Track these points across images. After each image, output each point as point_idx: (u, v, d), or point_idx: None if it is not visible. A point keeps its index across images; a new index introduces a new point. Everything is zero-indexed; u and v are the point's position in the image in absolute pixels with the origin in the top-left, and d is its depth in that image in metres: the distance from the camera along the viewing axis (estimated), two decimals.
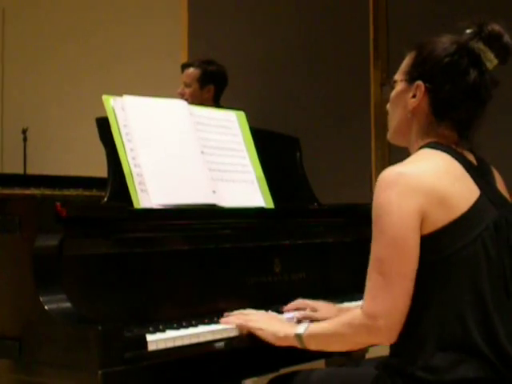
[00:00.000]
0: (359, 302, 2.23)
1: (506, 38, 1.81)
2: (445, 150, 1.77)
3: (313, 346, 1.81)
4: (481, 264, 1.69)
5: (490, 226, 1.71)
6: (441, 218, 1.68)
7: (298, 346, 1.83)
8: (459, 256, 1.67)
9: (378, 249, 1.68)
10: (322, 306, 2.10)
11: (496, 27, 1.81)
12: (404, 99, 1.84)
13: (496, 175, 1.87)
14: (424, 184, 1.69)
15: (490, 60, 1.80)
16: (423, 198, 1.67)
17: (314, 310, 2.08)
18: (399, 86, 1.87)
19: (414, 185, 1.68)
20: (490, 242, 1.70)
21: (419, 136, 1.83)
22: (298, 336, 1.82)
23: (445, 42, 1.81)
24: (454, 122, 1.81)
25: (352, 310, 1.85)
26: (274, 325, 1.90)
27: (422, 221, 1.67)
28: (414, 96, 1.82)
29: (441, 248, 1.68)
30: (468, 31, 1.82)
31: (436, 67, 1.80)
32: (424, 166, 1.74)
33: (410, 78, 1.83)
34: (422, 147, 1.81)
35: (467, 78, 1.78)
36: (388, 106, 1.92)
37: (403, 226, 1.66)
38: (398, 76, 1.88)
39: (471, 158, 1.82)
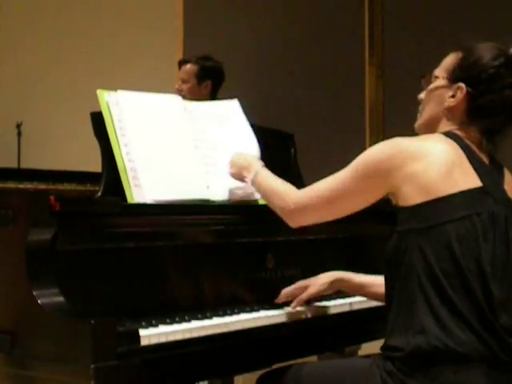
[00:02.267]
0: (352, 299, 2.25)
1: None
2: (455, 140, 1.82)
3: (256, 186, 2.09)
4: (464, 240, 1.73)
5: (483, 214, 1.76)
6: (414, 196, 1.77)
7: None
8: (442, 228, 1.74)
9: (347, 178, 1.90)
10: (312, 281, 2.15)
11: None
12: (441, 96, 1.88)
13: (508, 178, 1.91)
14: (406, 164, 1.77)
15: None
16: (398, 173, 1.78)
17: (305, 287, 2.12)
18: (439, 82, 1.90)
19: (399, 161, 1.78)
20: (480, 226, 1.75)
21: (446, 128, 1.88)
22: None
23: (493, 52, 1.84)
24: (483, 128, 1.86)
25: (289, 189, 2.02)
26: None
27: (395, 193, 1.80)
28: (453, 96, 1.86)
29: (423, 219, 1.75)
30: None
31: (482, 75, 1.83)
32: (422, 146, 1.81)
33: (453, 78, 1.87)
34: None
35: (509, 92, 1.82)
36: (422, 95, 1.96)
37: (375, 182, 1.83)
38: (440, 72, 1.91)
39: (483, 156, 1.86)
